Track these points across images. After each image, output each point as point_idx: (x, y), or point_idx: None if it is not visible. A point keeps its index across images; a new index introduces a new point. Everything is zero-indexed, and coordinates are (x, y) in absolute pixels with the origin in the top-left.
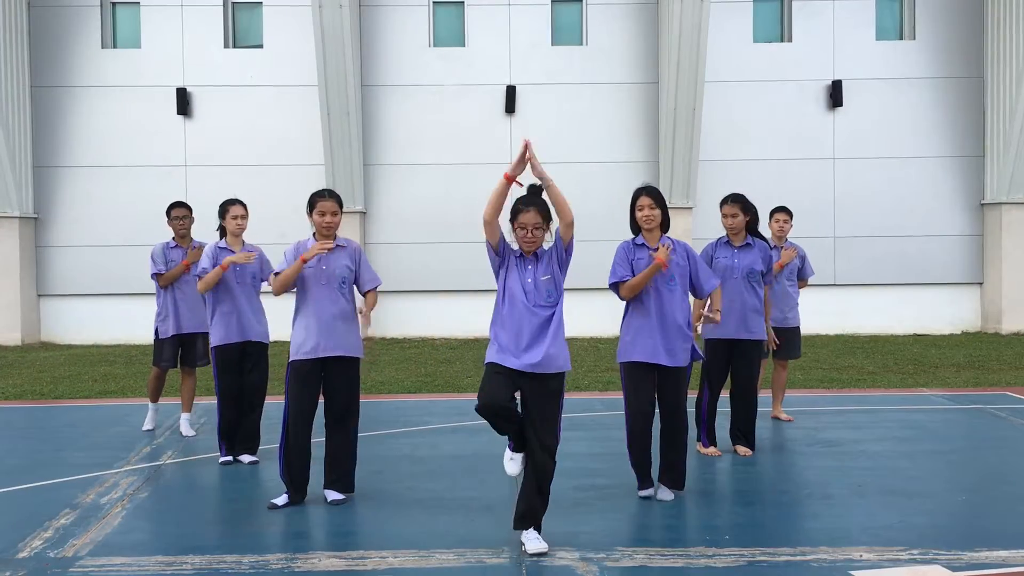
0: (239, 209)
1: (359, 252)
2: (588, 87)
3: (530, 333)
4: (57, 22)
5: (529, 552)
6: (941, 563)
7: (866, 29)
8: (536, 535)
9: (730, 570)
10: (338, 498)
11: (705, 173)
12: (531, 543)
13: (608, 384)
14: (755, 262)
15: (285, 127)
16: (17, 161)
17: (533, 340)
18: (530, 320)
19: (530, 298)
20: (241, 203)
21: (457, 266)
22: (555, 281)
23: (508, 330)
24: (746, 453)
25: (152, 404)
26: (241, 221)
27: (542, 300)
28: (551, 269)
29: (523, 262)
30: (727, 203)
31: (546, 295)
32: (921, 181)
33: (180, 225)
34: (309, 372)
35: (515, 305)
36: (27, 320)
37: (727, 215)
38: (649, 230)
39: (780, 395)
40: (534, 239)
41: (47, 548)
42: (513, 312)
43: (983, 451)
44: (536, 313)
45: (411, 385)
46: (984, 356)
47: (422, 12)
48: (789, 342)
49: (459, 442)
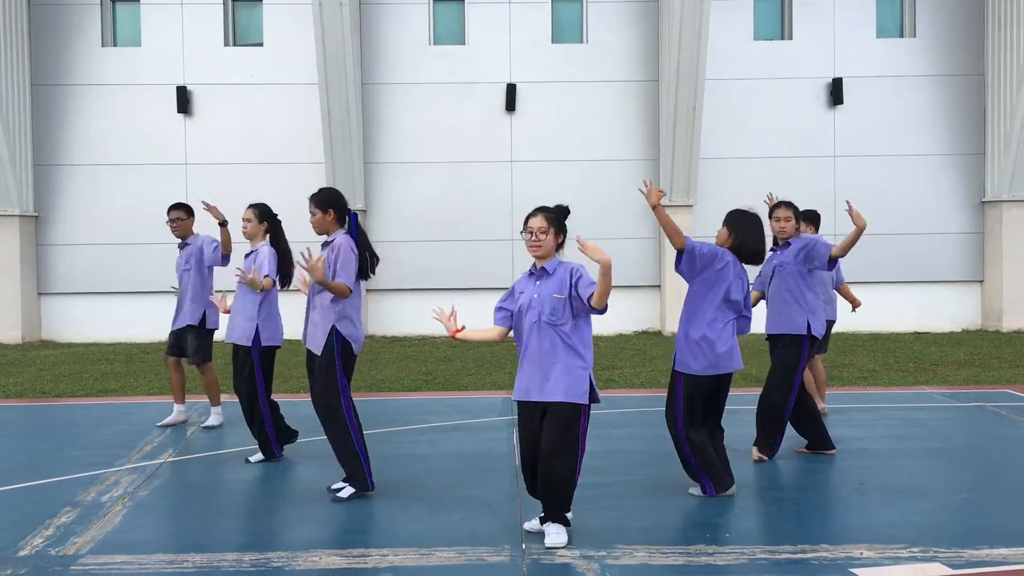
0: (177, 212)
1: (339, 248)
2: (589, 85)
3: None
4: (57, 20)
5: (545, 545)
6: (941, 560)
7: (867, 27)
8: (557, 528)
9: (731, 568)
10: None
11: (705, 171)
12: (548, 537)
13: (609, 382)
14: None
15: (285, 125)
16: (17, 159)
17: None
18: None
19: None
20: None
21: (458, 264)
22: (569, 304)
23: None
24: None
25: (177, 405)
26: (246, 224)
27: (545, 316)
28: (565, 291)
29: (531, 277)
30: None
31: (550, 311)
32: (922, 179)
33: (173, 227)
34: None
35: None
36: (28, 318)
37: (780, 218)
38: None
39: (823, 387)
40: (538, 242)
41: (48, 546)
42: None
43: (984, 449)
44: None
45: (411, 383)
46: (985, 354)
47: (422, 10)
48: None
49: (460, 440)
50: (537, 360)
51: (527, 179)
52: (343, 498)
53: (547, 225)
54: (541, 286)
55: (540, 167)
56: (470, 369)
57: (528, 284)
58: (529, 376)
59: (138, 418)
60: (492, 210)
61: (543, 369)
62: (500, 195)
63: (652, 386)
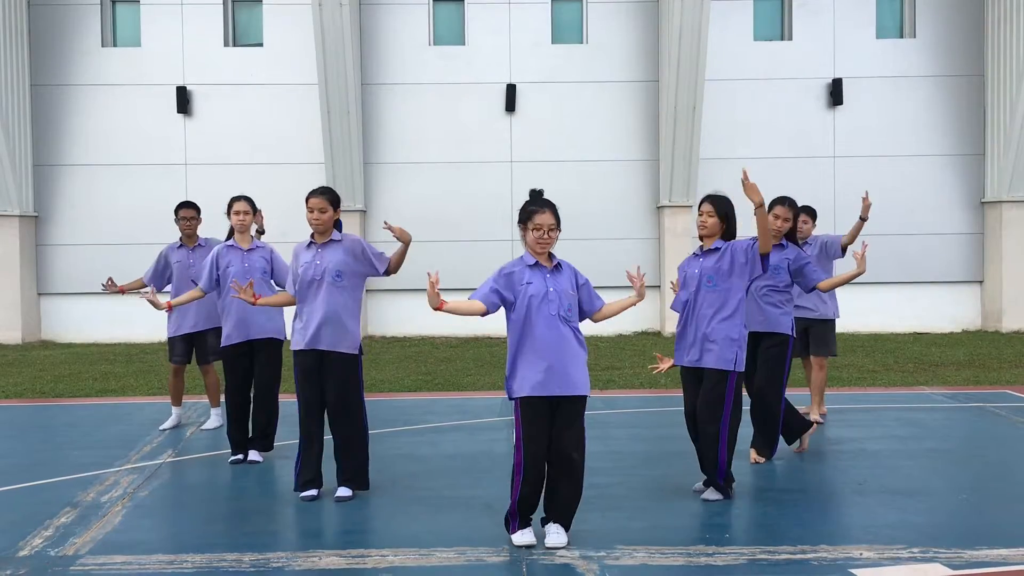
0: (242, 205)
1: (360, 243)
2: (588, 85)
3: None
4: (57, 20)
5: (547, 544)
6: (941, 561)
7: (866, 27)
8: (558, 528)
9: (730, 568)
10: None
11: (705, 171)
12: (550, 536)
13: (608, 383)
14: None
15: (285, 126)
16: (17, 159)
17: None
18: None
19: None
20: (246, 199)
21: (457, 265)
22: (576, 301)
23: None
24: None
25: (175, 407)
26: (244, 217)
27: (564, 311)
28: (574, 289)
29: (538, 270)
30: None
31: (567, 307)
32: (921, 179)
33: (187, 226)
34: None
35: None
36: (27, 319)
37: (779, 216)
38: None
39: (818, 397)
40: (549, 240)
41: (48, 547)
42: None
43: (983, 449)
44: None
45: (411, 384)
46: (984, 354)
47: (422, 10)
48: (822, 337)
49: (459, 441)
50: (553, 354)
51: (527, 179)
52: (348, 497)
53: (555, 222)
54: (553, 280)
55: (540, 167)
56: (470, 369)
57: (536, 276)
58: (543, 370)
59: (138, 418)
60: (492, 210)
61: (561, 363)
62: (500, 195)
63: (652, 387)
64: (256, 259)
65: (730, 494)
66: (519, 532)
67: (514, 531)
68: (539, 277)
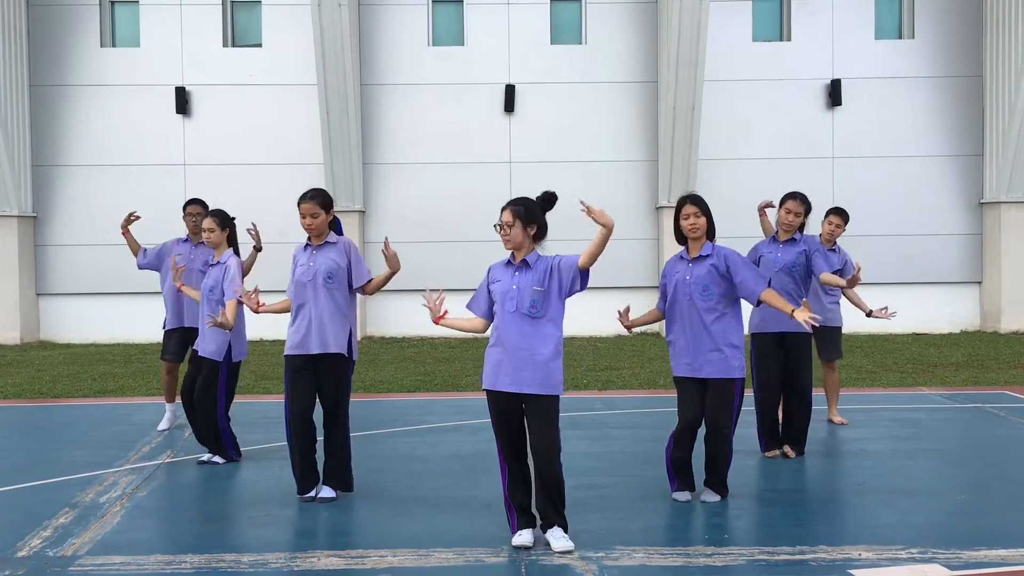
0: (194, 208)
1: (351, 250)
2: (587, 86)
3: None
4: (56, 20)
5: (554, 550)
6: (940, 561)
7: (865, 28)
8: (561, 532)
9: (729, 568)
10: (328, 495)
11: (704, 172)
12: (555, 541)
13: (607, 383)
14: (799, 257)
15: (284, 126)
16: (16, 160)
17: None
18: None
19: (511, 303)
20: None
21: (456, 265)
22: (547, 297)
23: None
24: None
25: (168, 404)
26: (196, 219)
27: (524, 308)
28: (545, 283)
29: (509, 268)
30: (789, 200)
31: (529, 303)
32: (920, 180)
33: (194, 222)
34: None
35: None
36: (26, 319)
37: (791, 211)
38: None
39: (834, 397)
40: (506, 235)
41: (46, 547)
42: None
43: (982, 450)
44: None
45: (410, 384)
46: (983, 355)
47: (421, 11)
48: (829, 342)
49: (458, 441)
50: (507, 350)
51: (526, 180)
52: (332, 498)
53: (512, 219)
54: (520, 277)
55: (539, 168)
56: (469, 370)
57: (505, 274)
58: (499, 365)
59: (136, 419)
60: (491, 211)
61: (512, 360)
62: (499, 196)
63: (651, 387)
64: (225, 276)
65: (726, 494)
66: (518, 533)
67: (512, 526)
68: (507, 275)
